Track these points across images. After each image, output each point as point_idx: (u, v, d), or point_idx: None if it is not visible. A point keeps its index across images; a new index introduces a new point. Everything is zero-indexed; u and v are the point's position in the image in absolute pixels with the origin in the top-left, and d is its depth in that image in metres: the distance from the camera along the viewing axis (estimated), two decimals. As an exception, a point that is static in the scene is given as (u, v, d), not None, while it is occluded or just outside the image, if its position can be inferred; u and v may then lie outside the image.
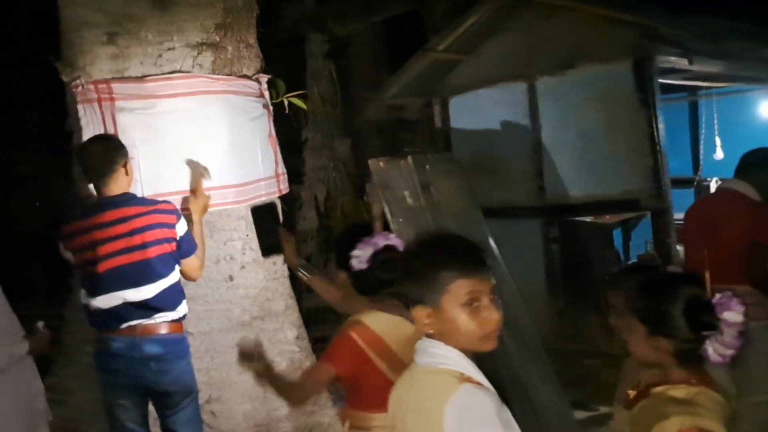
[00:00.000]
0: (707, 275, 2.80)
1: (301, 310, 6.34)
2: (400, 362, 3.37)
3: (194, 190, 5.20)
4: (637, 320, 2.86)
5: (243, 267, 5.72)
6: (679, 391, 2.73)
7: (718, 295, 2.71)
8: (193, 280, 4.77)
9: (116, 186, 4.55)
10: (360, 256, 3.73)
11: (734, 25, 10.89)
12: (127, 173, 4.61)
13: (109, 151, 4.54)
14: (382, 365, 3.57)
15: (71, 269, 5.48)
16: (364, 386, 3.63)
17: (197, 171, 5.30)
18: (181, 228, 4.61)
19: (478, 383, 2.38)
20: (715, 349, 2.69)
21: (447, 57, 10.60)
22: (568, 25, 9.31)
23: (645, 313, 2.84)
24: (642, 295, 2.90)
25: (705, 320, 2.69)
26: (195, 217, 4.83)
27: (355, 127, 13.16)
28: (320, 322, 10.34)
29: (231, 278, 5.66)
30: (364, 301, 3.80)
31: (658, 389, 2.80)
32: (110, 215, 4.45)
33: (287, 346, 5.92)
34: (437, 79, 10.87)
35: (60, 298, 5.83)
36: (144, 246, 4.46)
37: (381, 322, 3.67)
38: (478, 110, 10.52)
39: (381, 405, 3.35)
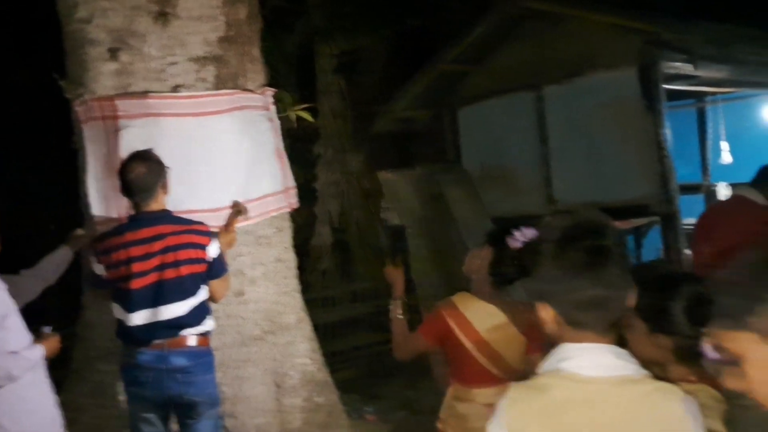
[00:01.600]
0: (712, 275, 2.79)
1: (316, 324, 6.34)
2: (488, 347, 3.90)
3: (227, 225, 5.22)
4: (638, 318, 2.86)
5: (253, 282, 5.73)
6: (677, 389, 2.72)
7: (716, 291, 2.70)
8: (215, 301, 4.76)
9: (156, 204, 4.56)
10: (524, 233, 3.88)
11: (739, 30, 10.86)
12: (165, 192, 4.63)
13: (152, 172, 4.53)
14: (468, 344, 3.92)
15: (81, 288, 5.51)
16: (456, 361, 4.01)
17: (236, 209, 5.35)
18: (213, 250, 4.60)
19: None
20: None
21: (455, 69, 10.67)
22: (574, 33, 9.34)
23: (645, 311, 2.83)
24: (642, 293, 2.89)
25: (704, 316, 2.68)
26: (222, 249, 4.81)
27: (367, 141, 13.18)
28: (336, 337, 10.35)
29: (241, 293, 5.66)
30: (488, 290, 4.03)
31: (656, 387, 2.79)
32: (147, 232, 4.46)
33: (300, 359, 5.90)
34: (446, 90, 10.92)
35: (72, 317, 5.84)
36: (177, 264, 4.47)
37: (472, 308, 3.99)
38: (487, 121, 10.56)
39: (479, 382, 3.87)
